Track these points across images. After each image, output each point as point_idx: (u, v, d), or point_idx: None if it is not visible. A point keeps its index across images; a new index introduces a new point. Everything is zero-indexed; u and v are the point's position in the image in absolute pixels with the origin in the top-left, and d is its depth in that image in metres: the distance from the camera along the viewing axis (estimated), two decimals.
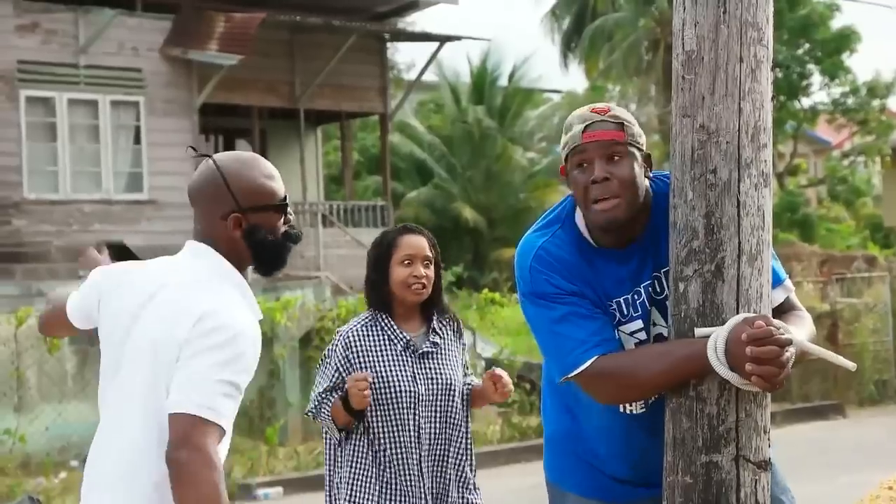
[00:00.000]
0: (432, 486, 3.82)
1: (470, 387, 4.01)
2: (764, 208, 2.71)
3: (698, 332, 2.67)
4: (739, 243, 2.68)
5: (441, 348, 3.91)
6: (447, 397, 3.86)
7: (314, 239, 17.28)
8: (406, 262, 3.84)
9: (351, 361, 3.83)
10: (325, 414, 3.81)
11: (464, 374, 4.01)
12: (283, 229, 2.68)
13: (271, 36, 17.30)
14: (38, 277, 14.82)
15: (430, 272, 3.87)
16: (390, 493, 3.78)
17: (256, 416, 11.89)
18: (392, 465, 3.79)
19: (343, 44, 18.01)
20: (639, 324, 2.89)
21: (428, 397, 3.83)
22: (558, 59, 29.83)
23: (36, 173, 15.56)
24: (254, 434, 11.61)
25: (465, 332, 4.15)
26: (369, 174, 28.31)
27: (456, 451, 3.88)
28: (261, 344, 2.58)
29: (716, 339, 2.61)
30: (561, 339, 2.79)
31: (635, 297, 2.89)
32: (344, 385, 3.78)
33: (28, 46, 15.74)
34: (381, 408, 3.79)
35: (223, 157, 2.67)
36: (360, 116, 22.59)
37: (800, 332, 2.72)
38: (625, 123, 2.82)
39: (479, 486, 3.97)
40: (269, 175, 2.66)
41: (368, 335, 3.86)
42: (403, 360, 3.83)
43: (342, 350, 3.85)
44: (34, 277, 14.83)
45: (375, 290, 3.90)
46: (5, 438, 10.36)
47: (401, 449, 3.80)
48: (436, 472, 3.84)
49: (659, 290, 2.89)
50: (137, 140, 16.59)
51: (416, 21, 35.57)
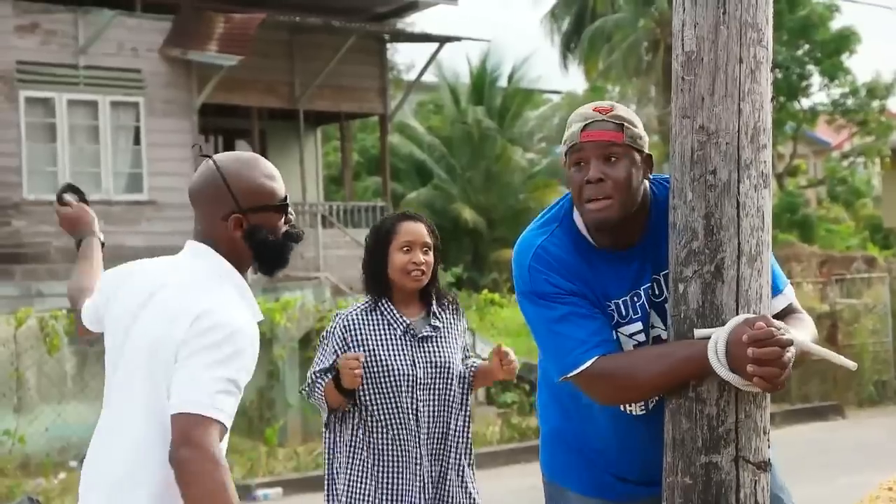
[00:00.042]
0: (431, 469, 3.79)
1: (474, 367, 3.98)
2: (763, 209, 2.71)
3: (698, 333, 2.66)
4: (739, 244, 2.68)
5: (441, 332, 3.89)
6: (445, 380, 3.84)
7: (314, 240, 17.27)
8: (405, 249, 3.83)
9: (349, 344, 3.81)
10: (319, 394, 3.80)
11: (465, 356, 3.99)
12: (284, 229, 2.68)
13: (271, 36, 17.28)
14: (38, 278, 14.82)
15: (430, 258, 3.86)
16: (389, 476, 3.77)
17: (256, 417, 11.89)
18: (391, 449, 3.77)
19: (343, 44, 17.99)
20: (638, 326, 2.88)
21: (426, 380, 3.81)
22: (558, 59, 29.83)
23: (35, 174, 15.55)
24: (253, 435, 11.61)
25: (466, 332, 4.13)
26: (369, 175, 28.30)
27: (455, 436, 3.86)
28: (259, 344, 2.57)
29: (716, 340, 2.60)
30: (560, 339, 2.79)
31: (635, 300, 2.88)
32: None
33: (27, 47, 15.73)
34: (380, 391, 3.77)
35: (223, 157, 2.66)
36: (359, 117, 22.57)
37: (801, 334, 2.72)
38: (625, 125, 2.82)
39: (475, 478, 3.94)
40: (269, 175, 2.66)
41: (368, 319, 3.84)
42: (403, 344, 3.81)
43: (340, 332, 3.83)
44: (34, 278, 14.83)
45: (374, 276, 3.88)
46: (5, 439, 10.36)
47: (400, 432, 3.78)
48: (435, 454, 3.82)
49: (658, 293, 2.89)
50: (137, 141, 16.57)
51: (415, 22, 35.56)
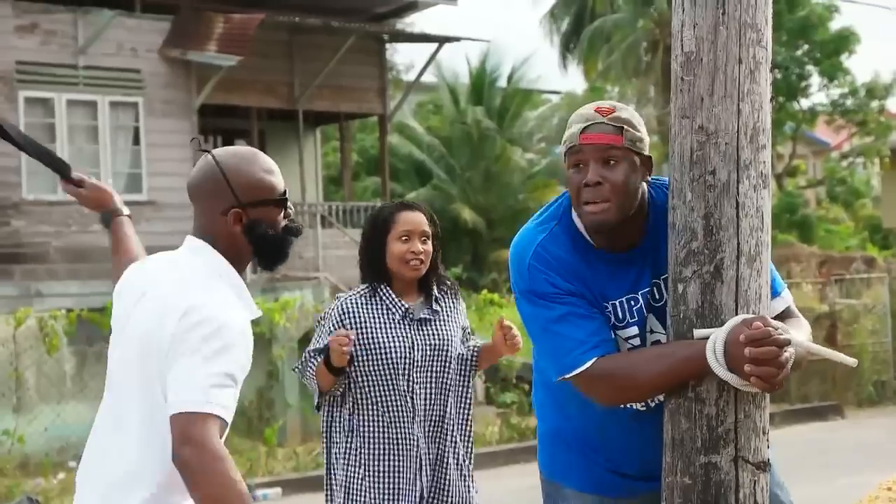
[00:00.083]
0: (428, 451, 3.77)
1: (477, 348, 3.95)
2: (763, 209, 2.71)
3: (697, 333, 2.67)
4: (738, 244, 2.68)
5: (440, 315, 3.87)
6: (443, 362, 3.82)
7: (313, 240, 17.26)
8: (403, 238, 3.81)
9: (345, 326, 3.79)
10: (310, 373, 3.78)
11: (466, 338, 3.95)
12: (284, 223, 2.68)
13: (270, 37, 17.28)
14: (37, 278, 14.82)
15: (428, 247, 3.84)
16: (387, 459, 3.75)
17: (255, 417, 11.90)
18: (387, 431, 3.75)
19: (342, 45, 17.99)
20: (634, 330, 2.88)
21: (423, 362, 3.79)
22: (557, 60, 29.78)
23: (35, 174, 15.52)
24: (252, 435, 11.62)
25: (465, 315, 4.09)
26: (368, 175, 28.29)
27: (452, 419, 3.83)
28: (251, 336, 2.56)
29: (714, 340, 2.61)
30: (560, 339, 2.78)
31: (632, 304, 2.88)
32: (353, 361, 3.75)
33: (27, 47, 15.72)
34: (375, 372, 3.75)
35: (222, 152, 2.67)
36: (358, 117, 22.57)
37: (798, 334, 2.72)
38: (625, 128, 2.80)
39: (472, 461, 3.92)
40: (268, 170, 2.66)
41: (367, 304, 3.82)
42: (401, 327, 3.79)
43: (337, 314, 3.82)
44: (33, 278, 14.82)
45: (371, 264, 3.86)
46: (4, 439, 10.36)
47: (395, 414, 3.76)
48: (432, 437, 3.79)
49: (657, 297, 2.88)
50: (136, 141, 16.56)
51: (414, 22, 35.53)
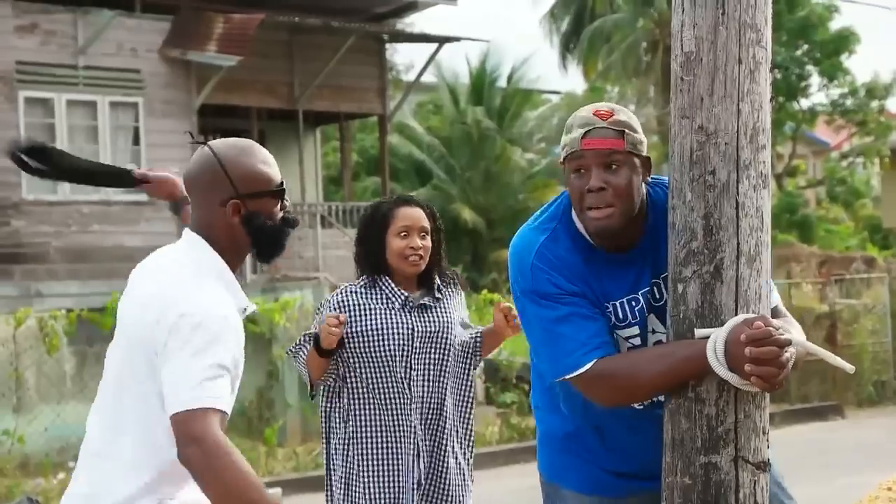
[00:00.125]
0: (425, 438, 3.76)
1: (479, 334, 3.94)
2: (763, 209, 2.71)
3: (698, 332, 2.67)
4: (738, 244, 2.68)
5: (441, 303, 3.85)
6: (441, 348, 3.80)
7: (313, 240, 17.26)
8: (402, 234, 3.79)
9: (344, 313, 3.77)
10: (302, 357, 3.77)
11: (465, 325, 3.93)
12: (281, 215, 2.70)
13: (270, 37, 17.28)
14: (37, 278, 14.81)
15: (427, 243, 3.82)
16: (384, 445, 3.74)
17: (255, 417, 11.89)
18: (384, 417, 3.74)
19: (342, 45, 17.99)
20: (634, 330, 2.88)
21: (422, 348, 3.77)
22: (557, 60, 29.76)
23: None
24: (252, 435, 11.61)
25: (464, 306, 4.08)
26: (368, 175, 28.29)
27: (450, 406, 3.81)
28: (240, 326, 2.57)
29: (715, 339, 2.61)
30: (561, 340, 2.78)
31: (633, 304, 2.88)
32: (344, 345, 3.73)
33: (27, 47, 15.72)
34: (373, 360, 3.73)
35: (219, 144, 2.69)
36: (358, 117, 22.57)
37: (797, 334, 2.73)
38: (626, 131, 2.81)
39: (473, 451, 3.92)
40: (265, 161, 2.68)
41: (367, 294, 3.81)
42: (401, 315, 3.77)
43: (336, 302, 3.81)
44: (33, 278, 14.82)
45: (370, 259, 3.85)
46: (4, 439, 10.35)
47: (392, 400, 3.74)
48: (429, 424, 3.77)
49: (658, 297, 2.88)
50: (136, 141, 16.57)
51: (414, 22, 35.52)
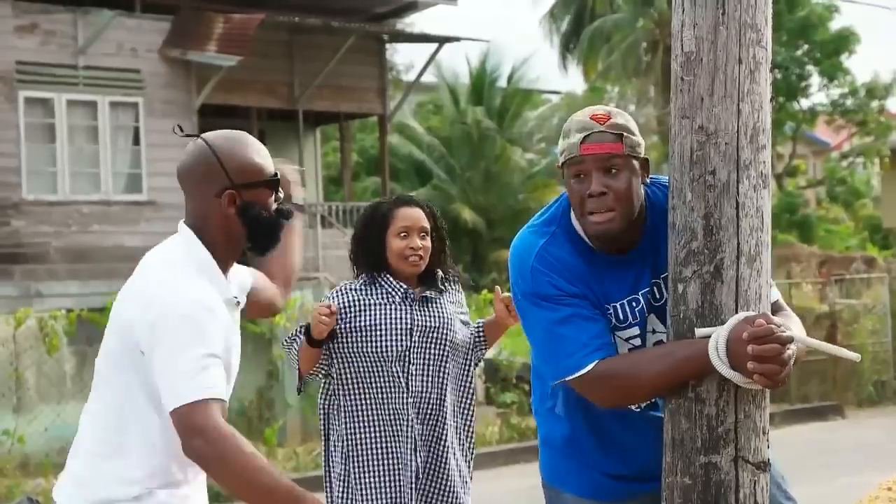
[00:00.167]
0: (423, 432, 3.74)
1: (481, 327, 3.92)
2: (763, 209, 2.71)
3: (698, 332, 2.66)
4: (738, 244, 2.68)
5: (443, 297, 3.83)
6: (442, 341, 3.78)
7: (313, 240, 17.25)
8: (402, 235, 3.76)
9: (343, 308, 3.75)
10: (295, 350, 3.76)
11: (465, 321, 3.91)
12: (275, 206, 2.70)
13: (270, 37, 17.27)
14: (37, 278, 14.80)
15: (427, 243, 3.79)
16: (382, 441, 3.72)
17: (255, 417, 11.90)
18: (382, 414, 3.73)
19: (342, 45, 17.99)
20: (635, 330, 2.88)
21: (421, 342, 3.75)
22: (557, 60, 29.80)
23: (35, 174, 15.53)
24: (252, 435, 11.60)
25: (463, 302, 4.07)
26: (368, 175, 28.30)
27: (451, 402, 3.80)
28: (224, 313, 2.56)
29: (717, 338, 2.61)
30: (562, 341, 2.78)
31: (633, 304, 2.88)
32: (335, 336, 3.72)
33: (27, 47, 15.71)
34: (371, 354, 3.72)
35: (213, 135, 2.69)
36: (358, 117, 22.56)
37: (798, 330, 2.73)
38: (624, 134, 2.80)
39: (473, 448, 3.91)
40: (259, 152, 2.69)
41: (366, 291, 3.79)
42: (400, 308, 3.75)
43: (335, 298, 3.79)
44: (33, 278, 14.81)
45: (369, 258, 3.83)
46: (4, 439, 10.36)
47: (390, 396, 3.72)
48: (427, 418, 3.75)
49: (658, 297, 2.89)
50: (136, 141, 16.56)
51: (414, 22, 35.48)
